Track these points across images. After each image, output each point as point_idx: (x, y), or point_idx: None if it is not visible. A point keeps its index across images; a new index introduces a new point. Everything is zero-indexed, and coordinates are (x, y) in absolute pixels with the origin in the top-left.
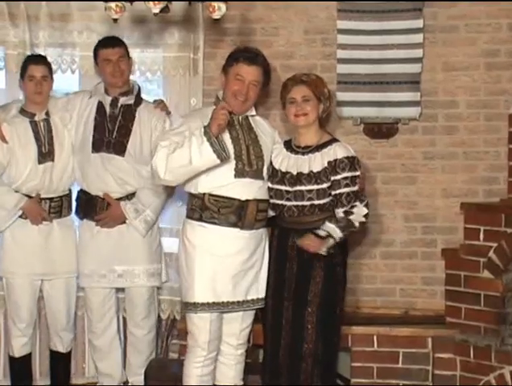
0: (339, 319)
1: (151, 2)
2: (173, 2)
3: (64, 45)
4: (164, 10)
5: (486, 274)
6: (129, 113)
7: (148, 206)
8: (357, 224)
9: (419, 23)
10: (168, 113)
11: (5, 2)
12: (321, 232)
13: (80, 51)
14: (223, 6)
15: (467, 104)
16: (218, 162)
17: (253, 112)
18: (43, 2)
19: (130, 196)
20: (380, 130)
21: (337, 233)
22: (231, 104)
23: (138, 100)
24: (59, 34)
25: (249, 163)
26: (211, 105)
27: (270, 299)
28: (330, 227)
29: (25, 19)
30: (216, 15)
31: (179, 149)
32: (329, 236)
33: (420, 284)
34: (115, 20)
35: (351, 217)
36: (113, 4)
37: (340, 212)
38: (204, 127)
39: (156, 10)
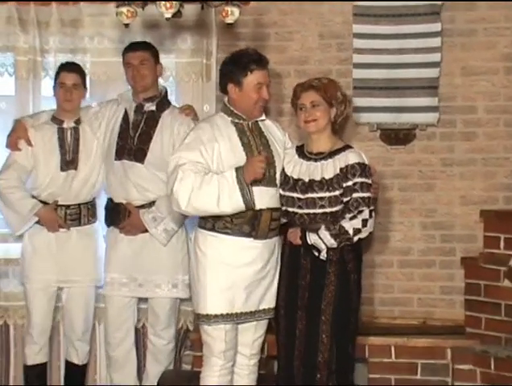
0: (354, 328)
1: (163, 7)
2: (186, 7)
3: (75, 51)
4: (176, 14)
5: (507, 283)
6: (152, 119)
7: (167, 214)
8: (350, 232)
9: (436, 27)
10: (196, 119)
11: (15, 6)
12: (311, 238)
13: (91, 57)
14: (236, 10)
15: (486, 109)
16: (244, 209)
17: (263, 117)
18: (54, 8)
19: (152, 204)
20: (397, 136)
21: (328, 239)
22: (252, 113)
23: (163, 105)
24: (69, 40)
25: (260, 154)
26: (218, 113)
27: (282, 308)
28: (322, 233)
29: (35, 25)
30: (230, 20)
31: (207, 187)
32: (320, 242)
33: (439, 293)
34: (126, 25)
35: (345, 224)
36: (124, 9)
37: (346, 218)
38: (237, 172)
39: (168, 15)
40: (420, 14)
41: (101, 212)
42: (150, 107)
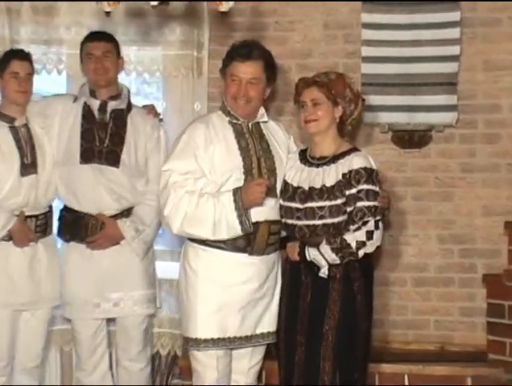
0: (363, 355)
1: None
2: None
3: (50, 42)
4: (164, 2)
5: None
6: (120, 119)
7: (149, 224)
8: (353, 245)
9: (455, 16)
10: (160, 120)
11: None
12: (310, 253)
13: (67, 49)
14: None
15: (511, 108)
16: (240, 234)
17: (265, 118)
18: None
19: (125, 212)
20: (411, 139)
21: (329, 255)
22: (233, 108)
23: (129, 104)
24: (43, 30)
25: (261, 178)
26: (216, 111)
27: (282, 333)
28: (322, 248)
29: (4, 13)
30: (224, 8)
31: (202, 213)
32: (320, 257)
33: (458, 315)
34: (108, 13)
35: (347, 237)
36: None
37: (350, 231)
38: (235, 196)
39: (155, 3)
40: (437, 2)
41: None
42: (118, 106)
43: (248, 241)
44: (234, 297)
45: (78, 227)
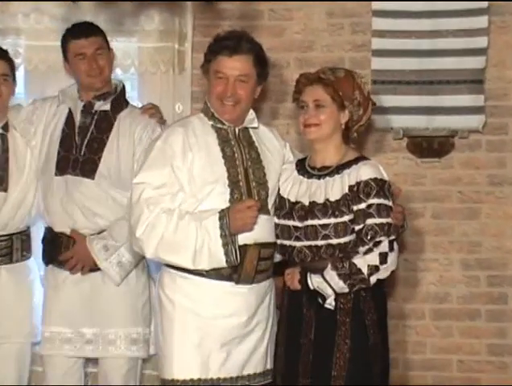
0: None
1: None
2: None
3: (5, 32)
4: None
5: None
6: (105, 122)
7: (123, 242)
8: (364, 271)
9: (482, 3)
10: (163, 123)
11: None
12: (314, 281)
13: (26, 40)
14: None
15: None
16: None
17: (255, 124)
18: None
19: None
20: (430, 146)
21: (336, 282)
22: (219, 111)
23: (119, 104)
24: None
25: (249, 193)
26: (197, 113)
27: (280, 377)
28: (327, 274)
29: None
30: None
31: (181, 239)
32: (326, 286)
33: (485, 354)
34: None
35: (357, 260)
36: None
37: (360, 253)
38: (221, 221)
39: None
40: None
41: (36, 246)
42: (103, 106)
43: (234, 268)
44: (217, 331)
45: (53, 248)
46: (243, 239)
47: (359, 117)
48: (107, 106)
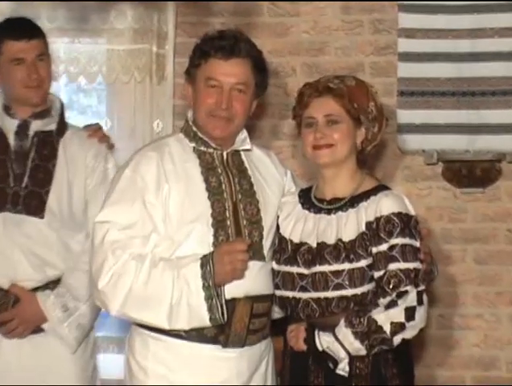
0: None
1: None
2: None
3: None
4: None
5: None
6: (48, 147)
7: (84, 300)
8: (387, 329)
9: None
10: (111, 147)
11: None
12: (323, 340)
13: None
14: None
15: None
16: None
17: (247, 146)
18: None
19: (51, 285)
20: (472, 173)
21: (351, 342)
22: (208, 128)
23: (63, 125)
24: None
25: (238, 234)
26: (176, 133)
27: None
28: (340, 332)
29: None
30: None
31: (153, 292)
32: (338, 346)
33: None
34: None
35: (377, 316)
36: None
37: (381, 306)
38: (203, 269)
39: None
40: None
41: None
42: (45, 126)
43: (220, 328)
44: None
45: None
46: (231, 291)
47: (374, 135)
48: (50, 127)
